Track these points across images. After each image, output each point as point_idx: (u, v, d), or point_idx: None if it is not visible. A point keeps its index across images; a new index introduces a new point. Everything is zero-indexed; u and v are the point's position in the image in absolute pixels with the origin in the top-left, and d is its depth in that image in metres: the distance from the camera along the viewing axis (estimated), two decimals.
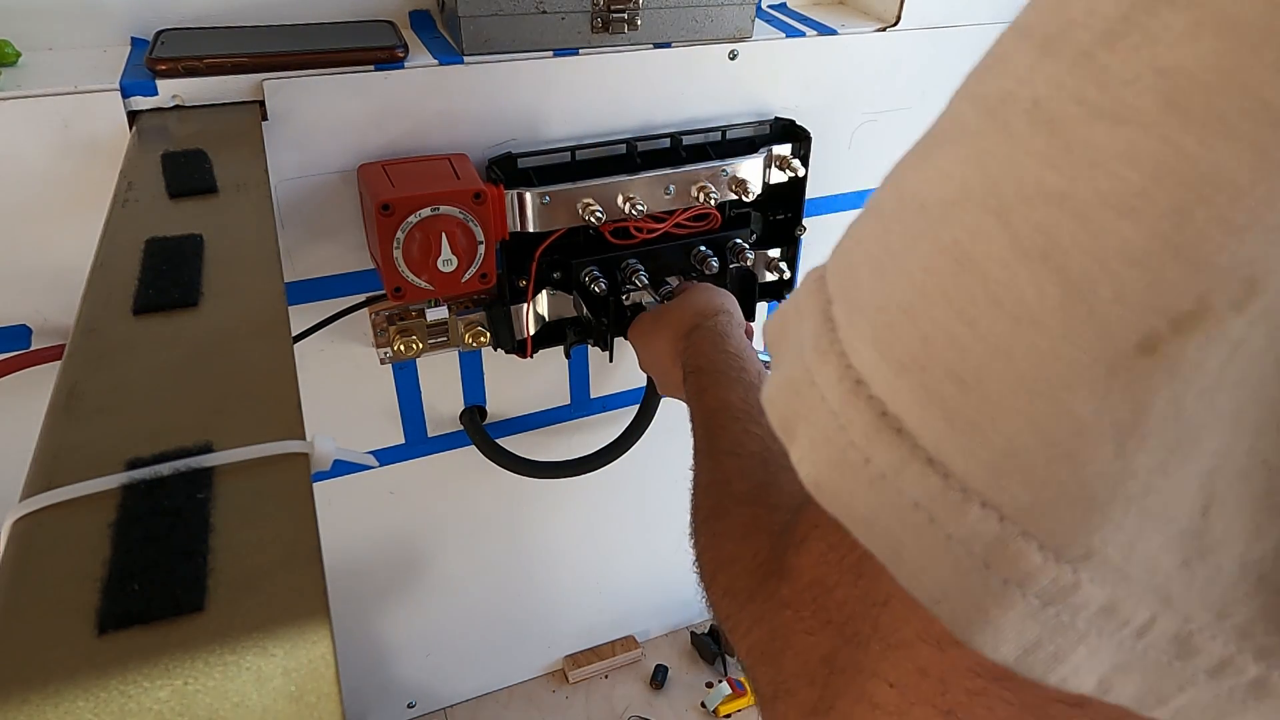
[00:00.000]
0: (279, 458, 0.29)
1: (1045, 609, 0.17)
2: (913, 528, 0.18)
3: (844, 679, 0.24)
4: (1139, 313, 0.15)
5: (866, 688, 0.23)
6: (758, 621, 0.29)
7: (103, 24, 0.62)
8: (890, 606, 0.23)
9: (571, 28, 0.66)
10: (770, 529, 0.33)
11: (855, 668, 0.24)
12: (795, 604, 0.27)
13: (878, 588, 0.23)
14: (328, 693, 0.22)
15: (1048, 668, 0.17)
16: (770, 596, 0.28)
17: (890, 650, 0.22)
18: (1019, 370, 0.16)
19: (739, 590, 0.32)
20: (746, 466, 0.43)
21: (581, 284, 0.74)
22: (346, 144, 0.64)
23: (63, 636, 0.23)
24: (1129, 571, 0.16)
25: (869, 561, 0.23)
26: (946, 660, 0.21)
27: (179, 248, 0.41)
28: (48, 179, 0.57)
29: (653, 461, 0.94)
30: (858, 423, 0.19)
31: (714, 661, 1.04)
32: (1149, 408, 0.15)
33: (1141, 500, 0.16)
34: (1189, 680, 0.17)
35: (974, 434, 0.17)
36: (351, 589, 0.87)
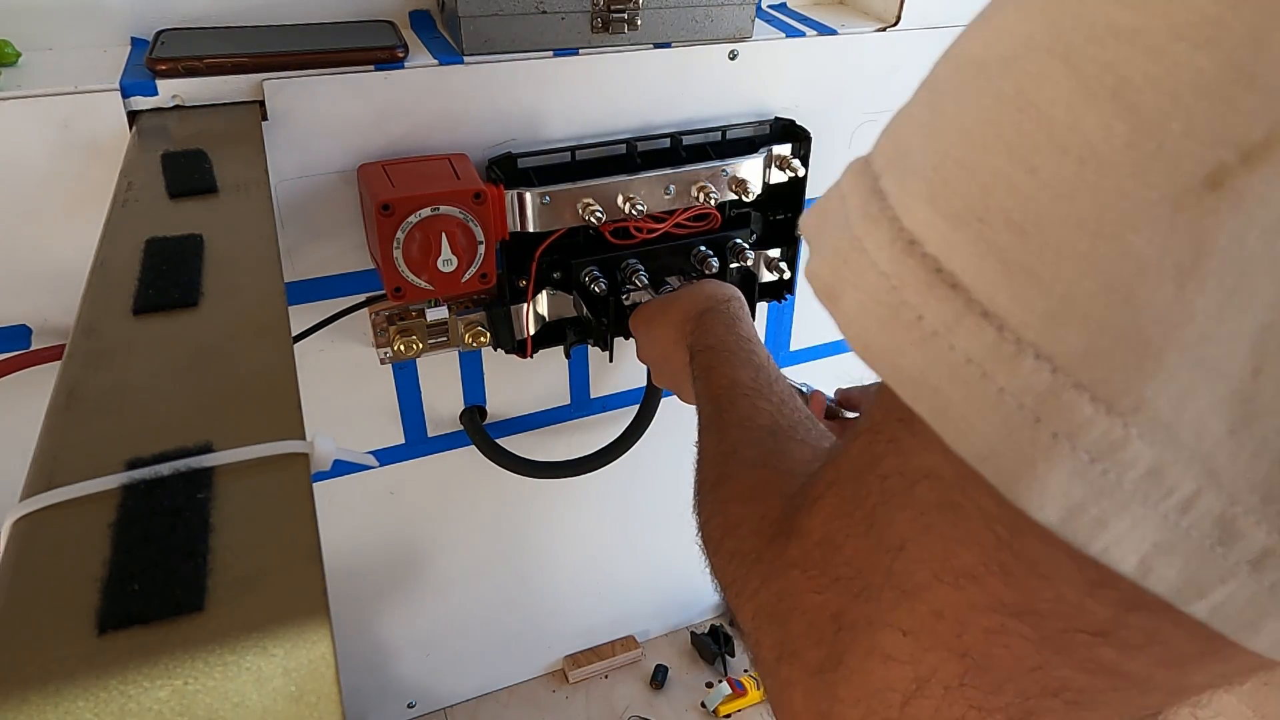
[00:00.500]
0: (279, 458, 0.29)
1: (1092, 466, 0.17)
2: (963, 383, 0.18)
3: (853, 634, 0.24)
4: (1208, 145, 0.15)
5: (877, 639, 0.23)
6: (765, 583, 0.28)
7: (103, 24, 0.62)
8: (906, 551, 0.22)
9: (571, 28, 0.66)
10: (781, 491, 0.33)
11: (866, 621, 0.24)
12: (804, 563, 0.26)
13: (892, 532, 0.23)
14: (328, 693, 0.22)
15: (1091, 534, 0.17)
16: (778, 557, 0.28)
17: (904, 597, 0.22)
18: (1082, 212, 0.16)
19: (746, 552, 0.31)
20: (756, 437, 0.43)
21: (581, 284, 0.74)
22: (347, 144, 0.64)
23: (63, 636, 0.23)
24: (1177, 431, 0.16)
25: (884, 508, 0.23)
26: (964, 598, 0.21)
27: (179, 248, 0.41)
28: (48, 179, 0.57)
29: (653, 462, 0.94)
30: (910, 281, 0.19)
31: (714, 662, 1.04)
32: (1211, 246, 0.15)
33: (1195, 349, 0.16)
34: (1230, 572, 0.17)
35: (1032, 282, 0.17)
36: (351, 589, 0.87)
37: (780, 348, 0.94)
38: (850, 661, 0.24)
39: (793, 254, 0.82)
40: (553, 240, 0.71)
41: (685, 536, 1.09)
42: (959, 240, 0.18)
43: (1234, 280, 0.16)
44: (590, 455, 0.84)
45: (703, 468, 0.44)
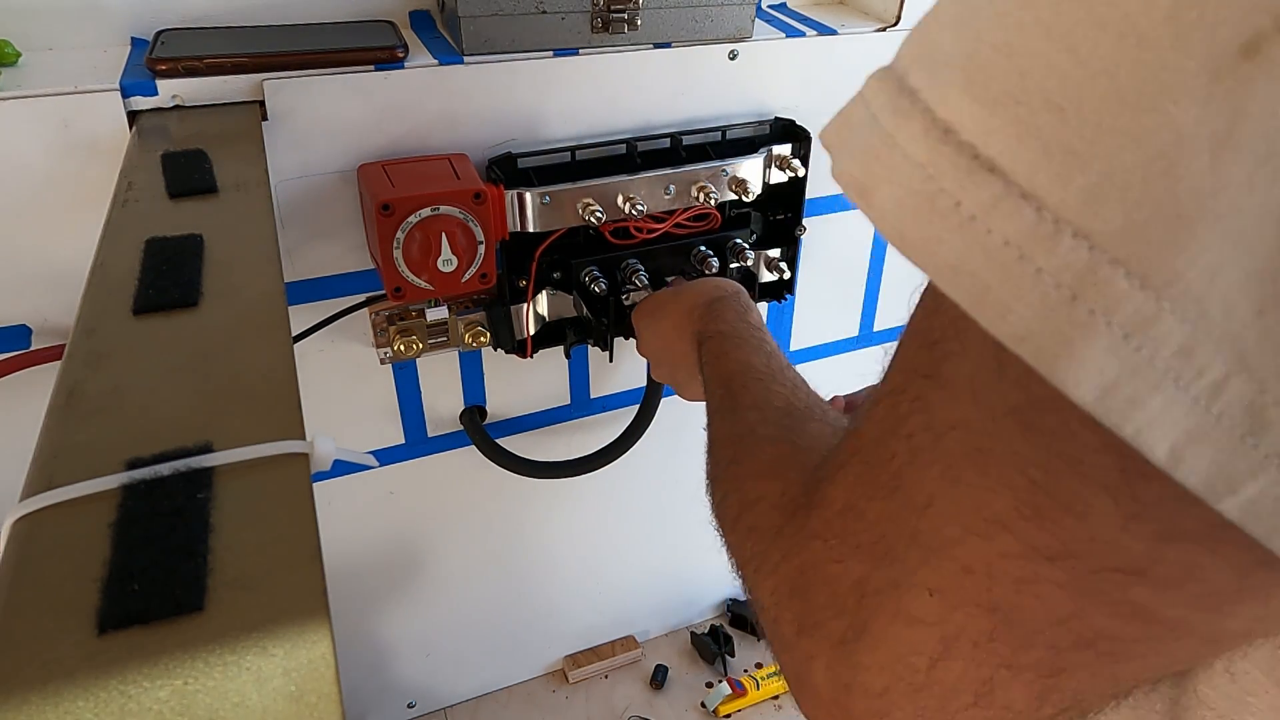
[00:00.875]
0: (279, 458, 0.29)
1: (1127, 342, 0.17)
2: (1001, 266, 0.18)
3: (877, 600, 0.24)
4: (1245, 12, 0.16)
5: (903, 603, 0.23)
6: (785, 557, 0.28)
7: (103, 24, 0.62)
8: (933, 507, 0.23)
9: (571, 28, 0.66)
10: (801, 466, 0.33)
11: (891, 585, 0.24)
12: (825, 534, 0.26)
13: (919, 491, 0.23)
14: (328, 693, 0.22)
15: (1124, 414, 0.17)
16: (799, 530, 0.28)
17: (930, 555, 0.23)
18: (1122, 87, 0.17)
19: (765, 527, 0.31)
20: (772, 417, 0.43)
21: (581, 284, 0.74)
22: (346, 144, 0.64)
23: (63, 636, 0.23)
24: (1207, 308, 0.17)
25: (910, 468, 0.23)
26: (994, 548, 0.21)
27: (179, 248, 0.41)
28: (48, 179, 0.57)
29: (653, 462, 0.94)
30: (947, 168, 0.19)
31: (714, 662, 1.04)
32: (1245, 114, 0.16)
33: (1226, 220, 0.16)
34: (1260, 466, 0.17)
35: (1071, 161, 0.17)
36: (351, 589, 0.87)
37: (780, 348, 0.93)
38: (874, 629, 0.24)
39: (793, 254, 0.82)
40: (553, 240, 0.71)
41: (685, 536, 1.10)
42: (997, 125, 0.18)
43: (1265, 149, 0.16)
44: (590, 455, 0.84)
45: (716, 449, 0.43)
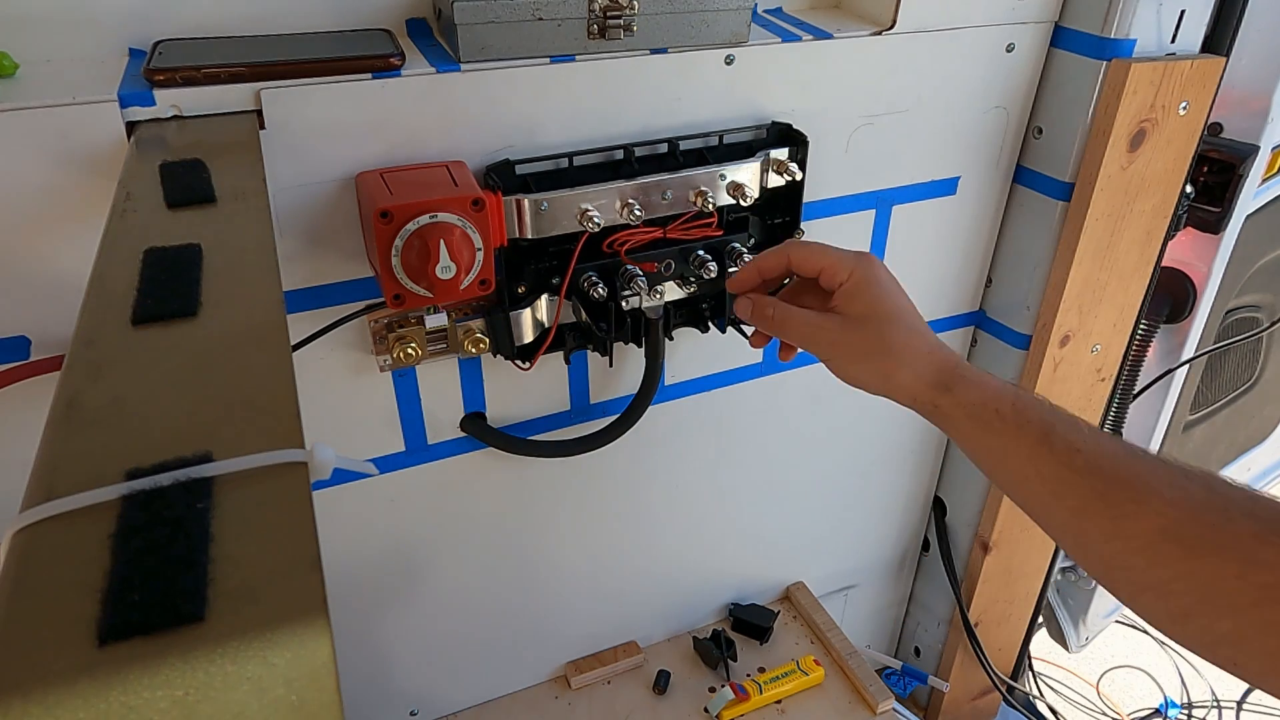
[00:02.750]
0: (278, 467, 0.29)
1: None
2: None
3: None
4: None
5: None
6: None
7: (100, 35, 0.62)
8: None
9: (568, 34, 0.66)
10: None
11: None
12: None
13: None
14: (329, 702, 0.22)
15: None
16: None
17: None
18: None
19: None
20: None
21: (581, 290, 0.74)
22: (344, 152, 0.64)
23: (63, 647, 0.23)
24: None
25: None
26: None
27: (178, 257, 0.41)
28: (46, 190, 0.57)
29: (654, 467, 0.94)
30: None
31: (716, 666, 1.04)
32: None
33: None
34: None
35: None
36: (352, 597, 0.87)
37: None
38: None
39: None
40: (553, 246, 0.71)
41: (687, 541, 1.10)
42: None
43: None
44: (596, 433, 0.84)
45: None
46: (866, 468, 1.10)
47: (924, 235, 0.93)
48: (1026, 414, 0.52)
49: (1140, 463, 0.48)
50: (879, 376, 0.59)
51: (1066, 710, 1.89)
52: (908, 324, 0.59)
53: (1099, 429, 0.51)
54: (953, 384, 0.56)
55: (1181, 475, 0.46)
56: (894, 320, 0.58)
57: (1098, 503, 0.48)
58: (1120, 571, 0.47)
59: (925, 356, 0.57)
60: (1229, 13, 0.86)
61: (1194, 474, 0.46)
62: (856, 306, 0.59)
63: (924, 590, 1.27)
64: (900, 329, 0.58)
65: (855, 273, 0.60)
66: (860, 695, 1.01)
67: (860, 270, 0.60)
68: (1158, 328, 1.23)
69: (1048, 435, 0.51)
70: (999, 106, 0.89)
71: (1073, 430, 0.51)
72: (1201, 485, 0.45)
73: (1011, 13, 0.83)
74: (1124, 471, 0.48)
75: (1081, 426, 0.51)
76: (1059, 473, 0.50)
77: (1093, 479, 0.48)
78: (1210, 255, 1.19)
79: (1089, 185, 0.87)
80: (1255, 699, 1.97)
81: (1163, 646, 2.07)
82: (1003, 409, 0.53)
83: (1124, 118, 0.84)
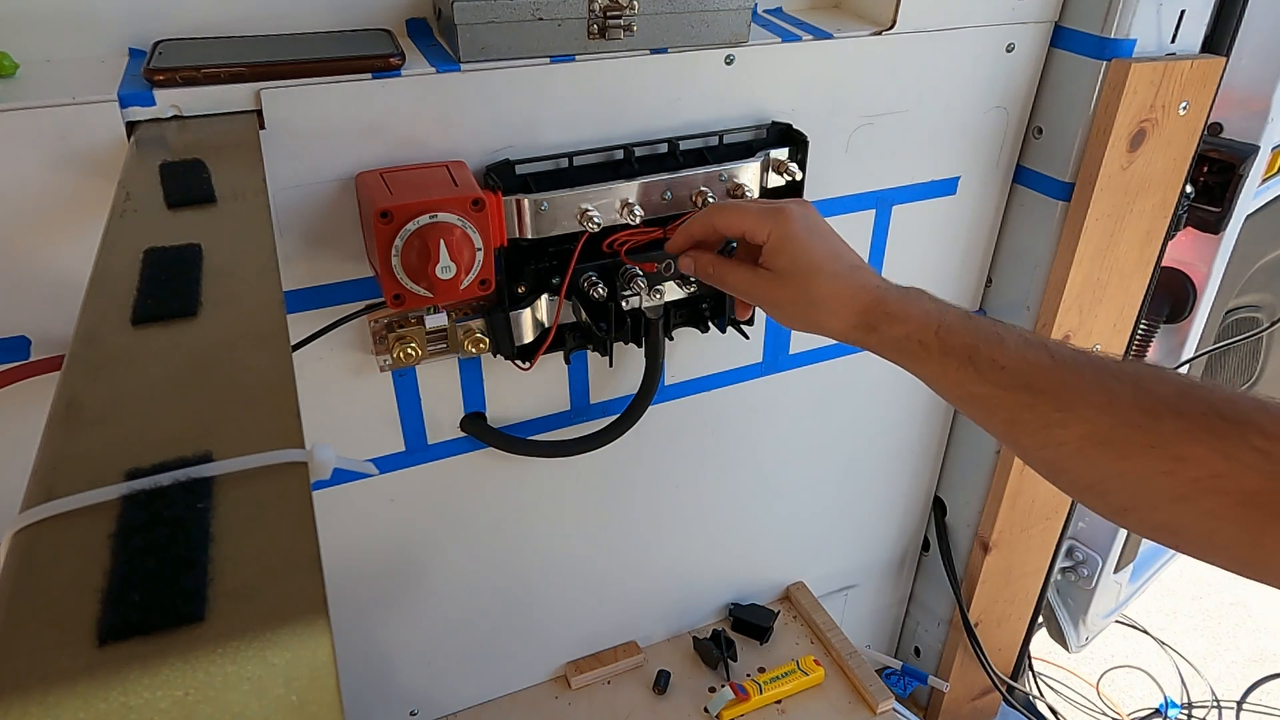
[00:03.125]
0: (278, 467, 0.29)
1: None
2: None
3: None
4: None
5: None
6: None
7: (100, 35, 0.62)
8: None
9: (568, 34, 0.66)
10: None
11: None
12: None
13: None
14: (329, 702, 0.22)
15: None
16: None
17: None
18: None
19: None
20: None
21: (581, 290, 0.74)
22: (344, 152, 0.64)
23: (63, 647, 0.23)
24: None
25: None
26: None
27: (178, 258, 0.41)
28: (46, 190, 0.57)
29: (654, 467, 0.94)
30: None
31: (716, 666, 1.04)
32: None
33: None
34: None
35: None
36: (352, 597, 0.87)
37: (780, 351, 0.94)
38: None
39: None
40: (553, 246, 0.71)
41: (687, 541, 1.10)
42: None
43: None
44: (597, 432, 0.84)
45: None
46: (866, 468, 1.10)
47: (924, 235, 0.93)
48: (950, 340, 0.55)
49: (1067, 370, 0.50)
50: (809, 324, 0.63)
51: (1066, 710, 1.89)
52: (830, 272, 0.61)
53: (1026, 337, 0.53)
54: (876, 323, 0.59)
55: (1110, 378, 0.48)
56: (815, 273, 0.61)
57: (1027, 414, 0.51)
58: (1059, 474, 0.51)
59: (849, 302, 0.60)
60: (1229, 13, 0.86)
61: (1124, 374, 0.48)
62: (780, 262, 0.63)
63: (924, 590, 1.27)
64: (822, 280, 0.61)
65: (773, 232, 0.62)
66: (860, 695, 1.01)
67: (777, 229, 0.62)
68: (1158, 328, 1.23)
69: (972, 357, 0.54)
70: (999, 106, 0.89)
71: (997, 348, 0.53)
72: (1130, 386, 0.47)
73: (1011, 13, 0.83)
74: (1049, 382, 0.50)
75: (1007, 341, 0.53)
76: (987, 391, 0.53)
77: (1019, 393, 0.51)
78: (1210, 255, 1.19)
79: (1089, 185, 0.87)
80: (1255, 699, 1.97)
81: (1162, 646, 2.07)
82: (926, 339, 0.56)
83: (1124, 118, 0.84)
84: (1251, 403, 0.44)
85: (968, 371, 0.54)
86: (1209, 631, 2.15)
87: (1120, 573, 1.45)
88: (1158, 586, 1.71)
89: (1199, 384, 0.46)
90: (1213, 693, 1.98)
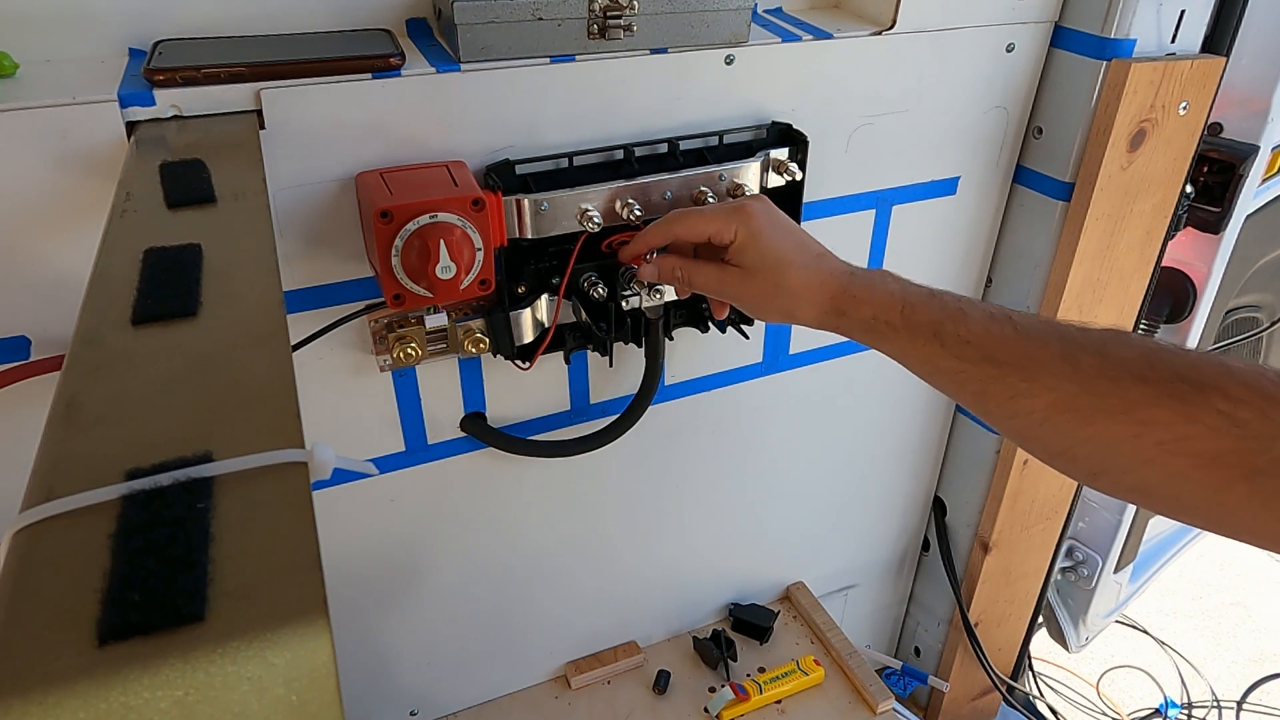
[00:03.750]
0: (278, 467, 0.29)
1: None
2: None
3: None
4: None
5: None
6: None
7: (100, 35, 0.62)
8: None
9: (568, 34, 0.66)
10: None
11: None
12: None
13: None
14: (329, 702, 0.22)
15: None
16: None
17: None
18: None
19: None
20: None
21: (580, 290, 0.74)
22: (344, 152, 0.64)
23: (63, 648, 0.23)
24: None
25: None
26: None
27: (178, 257, 0.41)
28: (46, 190, 0.57)
29: (654, 466, 0.94)
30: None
31: (716, 666, 1.04)
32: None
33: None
34: None
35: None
36: (352, 597, 0.87)
37: (780, 352, 0.94)
38: None
39: None
40: (553, 246, 0.71)
41: (687, 541, 1.10)
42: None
43: None
44: (597, 432, 0.84)
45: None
46: (866, 468, 1.10)
47: (924, 235, 0.93)
48: (915, 318, 0.57)
49: (1030, 341, 0.51)
50: (781, 315, 0.65)
51: (1066, 710, 1.89)
52: (798, 263, 0.63)
53: (989, 310, 0.55)
54: (845, 308, 0.61)
55: (1074, 347, 0.49)
56: (784, 265, 0.63)
57: (994, 386, 0.52)
58: (1030, 442, 0.52)
59: (818, 290, 0.62)
60: (1229, 13, 0.86)
61: (1088, 342, 0.49)
62: (749, 258, 0.64)
63: (924, 590, 1.27)
64: (791, 272, 0.63)
65: (739, 231, 0.64)
66: (860, 695, 1.01)
67: (743, 228, 0.64)
68: (1158, 328, 1.23)
69: (938, 333, 0.55)
70: (999, 106, 0.89)
71: (961, 323, 0.54)
72: (1094, 354, 0.48)
73: (1011, 13, 0.83)
74: (1014, 354, 0.51)
75: (970, 315, 0.55)
76: (954, 365, 0.54)
77: (985, 366, 0.52)
78: (1210, 255, 1.19)
79: (1089, 185, 0.87)
80: (1255, 699, 1.97)
81: (1162, 646, 2.07)
82: (892, 319, 0.58)
83: (1124, 118, 0.84)
84: (1216, 366, 0.44)
85: (934, 347, 0.55)
86: (1209, 631, 2.16)
87: (1120, 573, 1.45)
88: (1158, 586, 1.71)
89: (1165, 348, 0.47)
90: (1213, 693, 1.98)
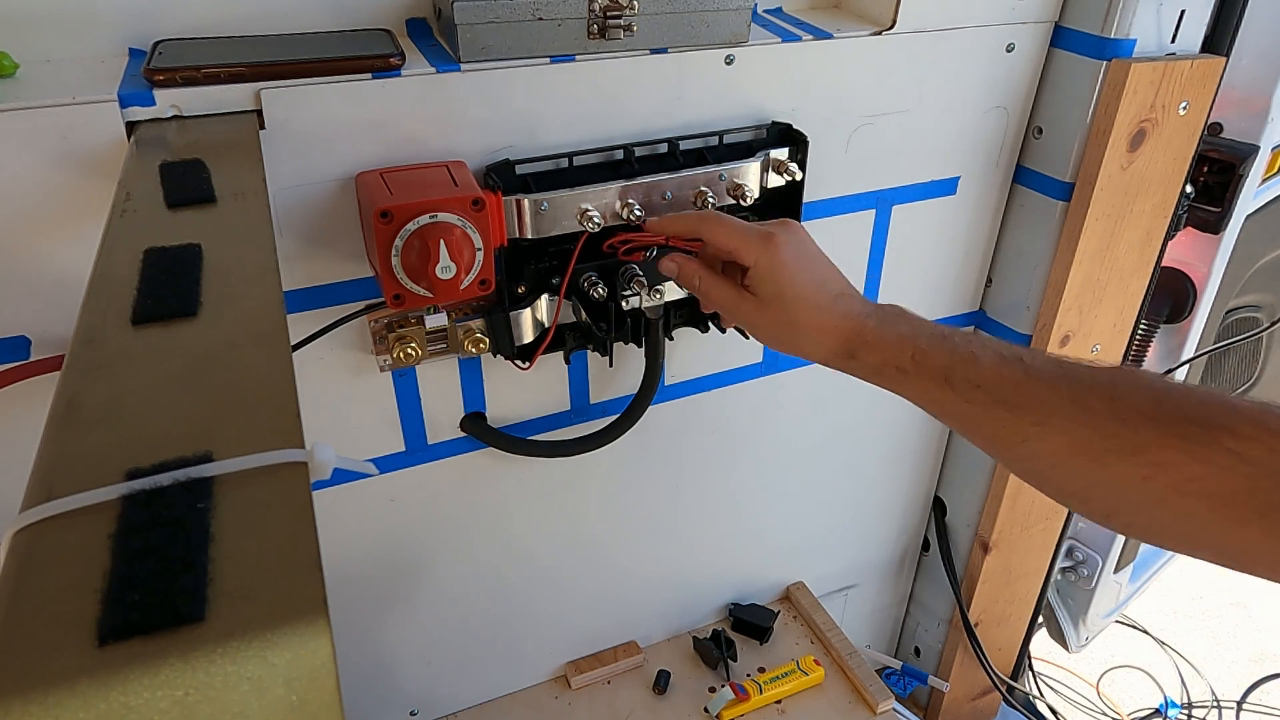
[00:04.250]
0: (278, 467, 0.29)
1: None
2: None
3: None
4: None
5: None
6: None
7: (100, 35, 0.62)
8: None
9: (568, 34, 0.66)
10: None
11: None
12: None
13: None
14: (329, 702, 0.22)
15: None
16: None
17: None
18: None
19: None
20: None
21: (580, 290, 0.74)
22: (344, 152, 0.64)
23: (63, 648, 0.23)
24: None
25: None
26: None
27: (178, 257, 0.41)
28: (46, 190, 0.57)
29: (654, 467, 0.94)
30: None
31: (716, 666, 1.04)
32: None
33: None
34: None
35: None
36: (352, 597, 0.87)
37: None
38: None
39: None
40: (553, 246, 0.71)
41: (687, 541, 1.10)
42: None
43: None
44: (598, 432, 0.84)
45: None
46: (866, 468, 1.10)
47: (924, 235, 0.93)
48: (926, 363, 0.57)
49: (1041, 384, 0.52)
50: (789, 348, 0.65)
51: (1066, 710, 1.89)
52: (814, 303, 0.62)
53: (1000, 351, 0.55)
54: (856, 351, 0.61)
55: (1084, 389, 0.50)
56: (799, 302, 0.62)
57: (1005, 430, 0.53)
58: (1044, 483, 0.52)
59: (831, 332, 0.62)
60: (1229, 13, 0.86)
61: (1098, 384, 0.50)
62: (766, 289, 0.63)
63: (924, 590, 1.27)
64: (805, 309, 0.62)
65: (760, 260, 0.63)
66: (860, 695, 1.01)
67: (765, 258, 0.63)
68: (1158, 328, 1.23)
69: (949, 379, 0.55)
70: (999, 106, 0.89)
71: (971, 367, 0.55)
72: (1104, 396, 0.49)
73: (1011, 13, 0.83)
74: (1024, 398, 0.52)
75: (981, 359, 0.55)
76: (966, 410, 0.55)
77: (996, 410, 0.53)
78: (1210, 255, 1.19)
79: (1089, 185, 0.87)
80: (1255, 699, 1.97)
81: (1162, 646, 2.07)
82: (903, 364, 0.58)
83: (1124, 118, 0.84)
84: (1222, 405, 0.45)
85: (946, 392, 0.55)
86: (1209, 631, 2.16)
87: (1120, 573, 1.45)
88: (1158, 586, 1.71)
89: (1173, 388, 0.47)
90: (1213, 693, 1.97)
